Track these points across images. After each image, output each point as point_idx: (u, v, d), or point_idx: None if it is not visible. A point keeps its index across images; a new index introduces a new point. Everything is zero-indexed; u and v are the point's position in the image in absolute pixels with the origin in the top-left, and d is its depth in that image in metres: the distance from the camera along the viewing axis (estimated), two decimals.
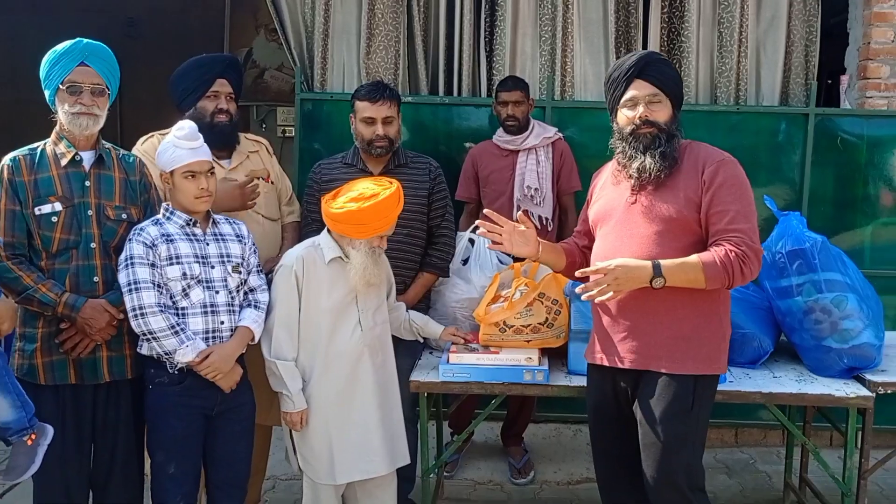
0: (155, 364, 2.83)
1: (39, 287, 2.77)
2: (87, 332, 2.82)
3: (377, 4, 4.63)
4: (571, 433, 4.67)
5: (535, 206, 4.15)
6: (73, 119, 2.84)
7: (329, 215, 3.01)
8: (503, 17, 4.67)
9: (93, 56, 2.86)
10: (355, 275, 2.99)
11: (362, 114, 3.44)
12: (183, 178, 2.83)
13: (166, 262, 2.79)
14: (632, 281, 2.60)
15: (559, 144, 4.26)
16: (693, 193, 2.62)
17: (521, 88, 4.18)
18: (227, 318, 2.89)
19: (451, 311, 3.57)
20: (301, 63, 4.71)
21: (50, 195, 2.83)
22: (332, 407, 3.02)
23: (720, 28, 4.67)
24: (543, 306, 3.21)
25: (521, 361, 3.13)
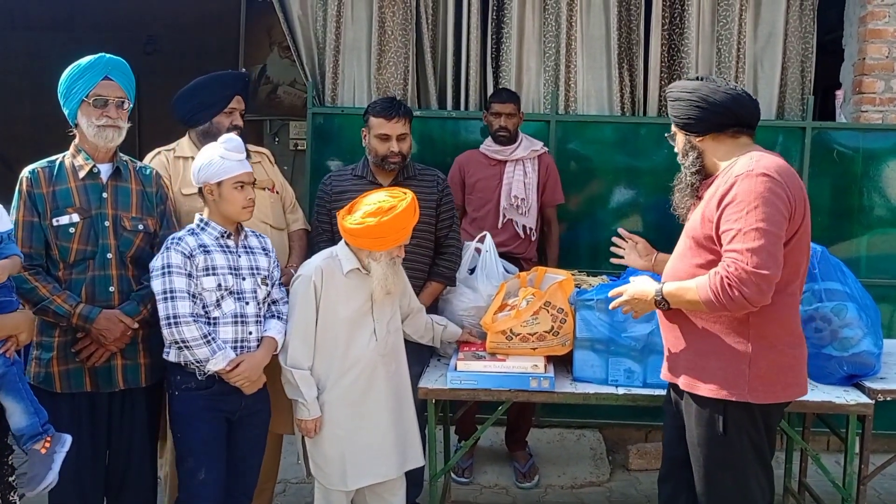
0: (181, 371, 2.79)
1: (55, 298, 2.75)
2: (102, 342, 2.80)
3: (387, 21, 4.61)
4: (575, 437, 4.60)
5: (521, 215, 4.15)
6: (99, 132, 2.82)
7: (347, 231, 2.96)
8: (509, 33, 4.65)
9: (115, 70, 2.86)
10: (376, 285, 2.96)
11: (377, 130, 3.38)
12: (233, 189, 2.80)
13: (203, 273, 2.76)
14: (644, 305, 2.60)
15: (545, 158, 4.26)
16: (709, 212, 2.43)
17: (513, 101, 4.18)
18: (254, 328, 2.86)
19: (459, 319, 3.52)
20: (313, 78, 4.68)
21: (68, 206, 2.81)
22: (345, 414, 2.98)
23: (719, 44, 4.64)
24: (549, 315, 3.16)
25: (528, 369, 3.08)
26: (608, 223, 4.57)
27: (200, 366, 2.74)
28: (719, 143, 2.51)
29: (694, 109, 2.49)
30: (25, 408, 2.41)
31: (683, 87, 2.55)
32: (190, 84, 3.31)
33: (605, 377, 3.12)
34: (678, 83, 2.62)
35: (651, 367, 3.06)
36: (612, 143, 4.61)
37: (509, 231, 4.13)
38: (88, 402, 2.87)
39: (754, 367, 2.42)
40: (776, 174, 2.35)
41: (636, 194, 4.63)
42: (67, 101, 2.84)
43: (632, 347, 3.08)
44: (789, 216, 2.35)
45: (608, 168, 4.62)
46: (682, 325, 2.55)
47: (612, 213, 4.63)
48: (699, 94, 2.48)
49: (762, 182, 2.32)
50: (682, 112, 2.52)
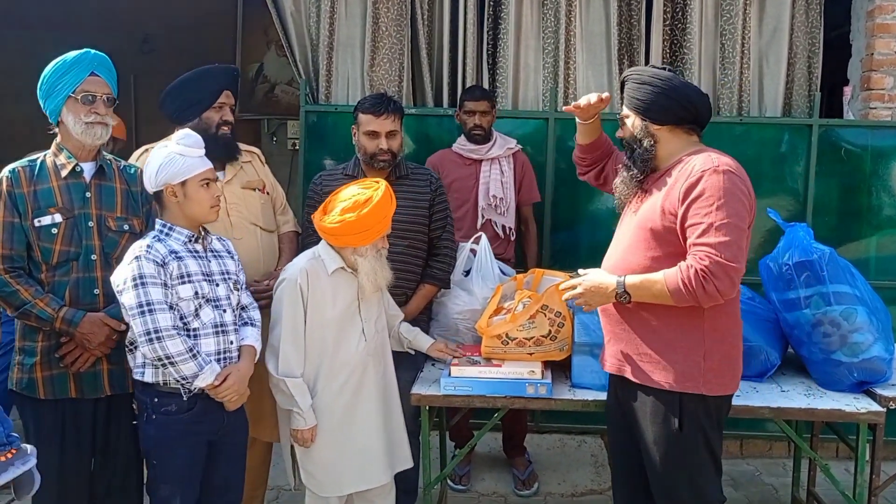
0: (157, 392, 2.58)
1: (37, 302, 2.65)
2: (87, 346, 2.70)
3: (381, 18, 4.50)
4: (576, 444, 4.48)
5: (499, 215, 4.04)
6: (87, 129, 2.73)
7: (327, 231, 2.86)
8: (506, 29, 4.53)
9: (101, 66, 2.79)
10: (365, 280, 2.86)
11: (366, 127, 3.27)
12: (199, 187, 2.62)
13: (178, 281, 2.56)
14: (599, 297, 2.58)
15: (519, 156, 4.16)
16: (670, 204, 2.44)
17: (487, 98, 4.08)
18: (234, 337, 2.70)
19: (454, 322, 3.40)
20: (306, 76, 4.58)
21: (50, 206, 2.71)
22: (337, 418, 2.88)
23: (722, 39, 4.52)
24: (546, 318, 3.03)
25: (524, 375, 2.96)
26: (608, 223, 4.42)
27: (185, 383, 2.55)
28: (673, 136, 2.54)
29: (662, 97, 2.50)
30: None
31: (655, 73, 2.55)
32: (177, 80, 3.19)
33: (605, 383, 2.97)
34: (646, 68, 2.62)
35: None
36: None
37: (488, 231, 3.97)
38: (73, 409, 2.77)
39: (708, 360, 2.47)
40: (739, 171, 2.43)
41: None
42: (51, 97, 2.74)
43: None
44: (749, 213, 2.42)
45: None
46: (634, 318, 2.54)
47: (611, 213, 4.47)
48: (671, 84, 2.51)
49: (728, 178, 2.38)
50: (648, 97, 2.52)
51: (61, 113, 2.75)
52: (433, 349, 3.15)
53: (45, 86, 2.74)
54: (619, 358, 2.61)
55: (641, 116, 2.55)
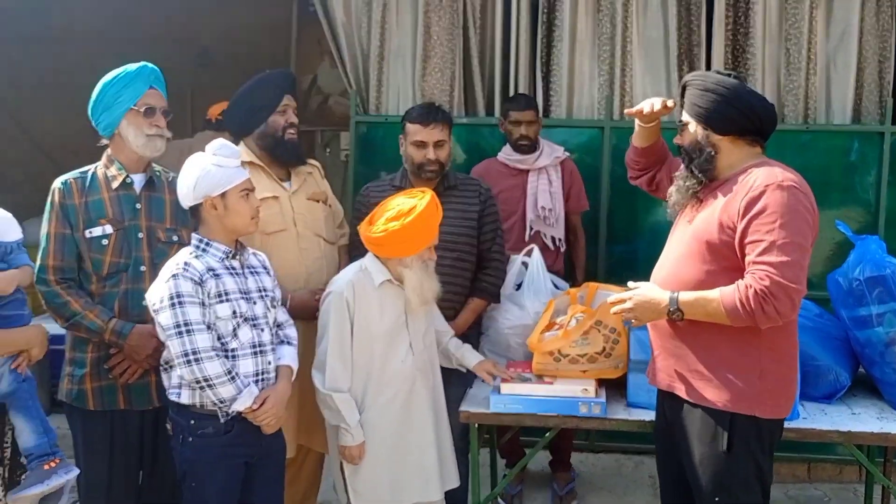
0: (195, 414, 2.51)
1: (87, 313, 2.66)
2: (135, 358, 2.70)
3: (433, 27, 4.45)
4: (633, 464, 4.33)
5: (548, 226, 3.93)
6: (148, 141, 2.76)
7: (372, 241, 2.81)
8: (560, 36, 4.43)
9: (157, 80, 2.83)
10: (412, 293, 2.79)
11: (413, 137, 3.22)
12: (239, 198, 2.55)
13: (216, 300, 2.48)
14: (650, 313, 2.46)
15: (567, 164, 4.05)
16: (728, 219, 2.34)
17: (532, 107, 3.98)
18: (271, 357, 2.63)
19: (504, 337, 3.31)
20: (357, 86, 4.55)
21: (101, 218, 2.74)
22: (384, 434, 2.82)
23: (787, 44, 4.34)
24: (601, 335, 2.93)
25: (577, 393, 2.86)
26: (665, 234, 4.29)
27: (223, 406, 2.48)
28: (735, 147, 2.44)
29: (725, 106, 2.40)
30: (35, 427, 2.32)
31: (720, 80, 2.44)
32: (238, 92, 3.22)
33: None
34: (710, 74, 2.51)
35: None
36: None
37: (537, 243, 3.83)
38: (122, 420, 2.77)
39: (764, 380, 2.36)
40: (803, 187, 2.33)
41: None
42: (109, 110, 2.76)
43: None
44: (812, 230, 2.32)
45: None
46: (686, 333, 2.43)
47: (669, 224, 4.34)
48: (736, 93, 2.41)
49: (792, 195, 2.28)
50: (711, 105, 2.42)
51: (119, 126, 2.76)
52: (480, 368, 3.02)
53: (105, 99, 2.76)
54: (670, 374, 2.50)
55: (703, 125, 2.45)
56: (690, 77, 2.53)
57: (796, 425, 2.75)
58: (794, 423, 2.75)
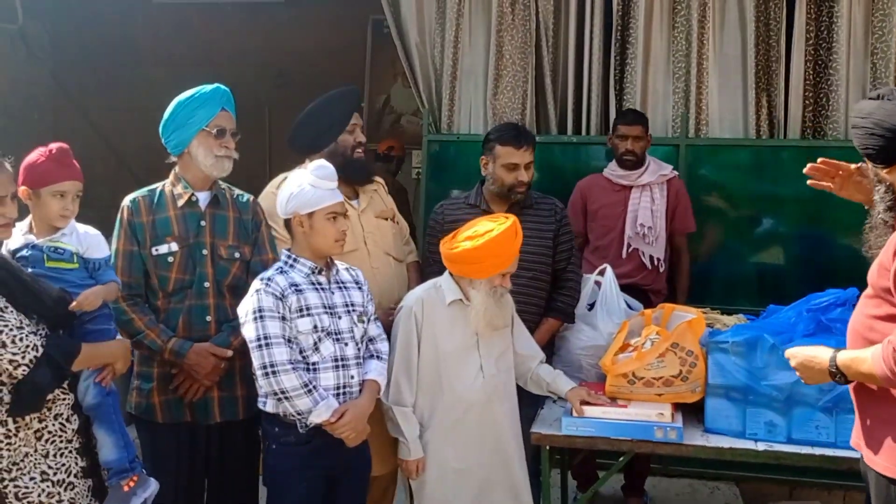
0: (279, 422, 2.56)
1: (148, 332, 2.70)
2: (195, 377, 2.72)
3: (505, 46, 4.44)
4: (708, 490, 4.18)
5: (647, 245, 3.82)
6: (217, 162, 2.79)
7: (447, 256, 2.81)
8: (634, 54, 4.36)
9: (229, 102, 2.86)
10: (476, 316, 2.76)
11: (506, 160, 3.16)
12: (326, 220, 2.59)
13: (297, 315, 2.53)
14: (815, 373, 2.21)
15: (674, 183, 3.93)
16: (886, 259, 2.08)
17: (641, 123, 3.89)
18: (356, 371, 2.63)
19: (577, 358, 3.24)
20: (429, 105, 4.57)
21: (167, 235, 2.77)
22: (452, 454, 2.79)
23: (874, 59, 4.17)
24: (677, 357, 2.83)
25: (652, 417, 2.77)
26: (744, 256, 4.17)
27: (301, 418, 2.51)
28: None
29: (871, 137, 2.12)
30: (116, 441, 2.35)
31: (859, 110, 2.19)
32: (305, 111, 3.22)
33: (743, 430, 2.77)
34: (857, 105, 2.23)
35: (797, 420, 2.71)
36: (748, 169, 4.22)
37: (635, 261, 3.82)
38: (189, 433, 2.80)
39: None
40: None
41: (776, 224, 4.20)
42: (181, 129, 2.80)
43: (774, 398, 2.71)
44: None
45: (744, 195, 4.23)
46: (866, 389, 2.16)
47: (748, 245, 4.22)
48: (874, 120, 2.12)
49: None
50: (861, 140, 2.16)
51: (189, 145, 2.80)
52: (573, 395, 2.87)
53: (178, 118, 2.80)
54: (856, 431, 2.24)
55: (871, 162, 2.19)
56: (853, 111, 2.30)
57: None
58: None
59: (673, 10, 4.32)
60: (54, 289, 2.27)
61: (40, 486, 2.24)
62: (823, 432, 2.67)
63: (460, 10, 4.47)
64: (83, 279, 2.40)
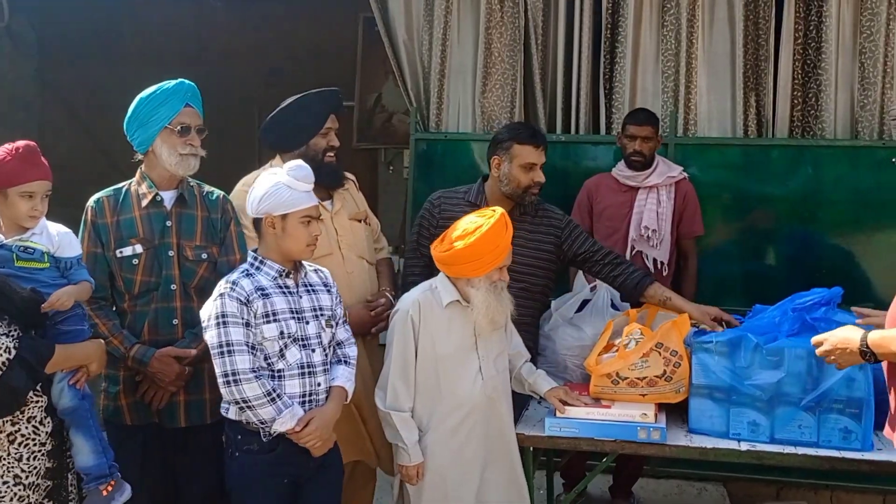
0: (242, 430, 2.49)
1: (112, 339, 2.65)
2: (159, 383, 2.68)
3: (494, 44, 4.42)
4: (696, 491, 4.16)
5: (651, 247, 3.78)
6: (182, 160, 2.73)
7: (440, 260, 2.77)
8: (623, 53, 4.35)
9: (194, 97, 2.77)
10: (478, 315, 2.72)
11: (525, 159, 3.10)
12: (299, 224, 2.50)
13: (262, 320, 2.44)
14: (847, 355, 2.22)
15: (683, 185, 3.88)
16: None
17: (652, 124, 3.83)
18: (322, 378, 2.56)
19: (562, 359, 3.22)
20: (417, 103, 4.55)
21: (131, 237, 2.72)
22: (450, 459, 2.75)
23: (862, 58, 4.16)
24: (661, 357, 2.82)
25: (636, 417, 2.76)
26: (732, 255, 4.16)
27: (265, 426, 2.45)
28: None
29: None
30: (94, 447, 2.30)
31: None
32: (280, 107, 3.14)
33: (726, 430, 2.76)
34: None
35: (780, 419, 2.70)
36: (737, 168, 4.20)
37: (638, 263, 3.72)
38: (157, 434, 2.76)
39: None
40: None
41: (765, 224, 4.18)
42: (144, 127, 2.72)
43: (757, 397, 2.70)
44: None
45: (733, 194, 4.21)
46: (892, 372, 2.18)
47: (737, 245, 4.21)
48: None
49: None
50: None
51: (153, 143, 2.72)
52: (552, 395, 2.87)
53: (140, 116, 2.72)
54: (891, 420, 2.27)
55: None
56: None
57: (870, 457, 2.62)
58: (868, 455, 2.62)
59: (662, 8, 4.30)
60: (25, 289, 2.22)
61: (13, 489, 2.21)
62: (806, 432, 2.66)
63: (448, 8, 4.44)
64: (55, 279, 2.35)
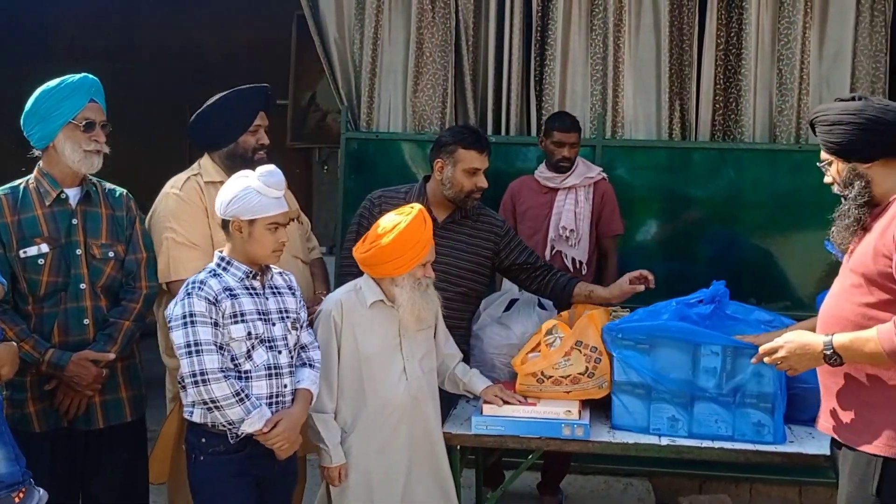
0: (206, 433, 2.45)
1: (23, 345, 2.51)
2: (76, 388, 2.58)
3: (425, 43, 4.42)
4: (622, 487, 4.23)
5: (570, 247, 3.84)
6: (85, 157, 2.64)
7: (362, 261, 2.74)
8: (553, 55, 4.40)
9: (98, 93, 2.68)
10: (404, 313, 2.69)
11: (468, 164, 3.08)
12: (266, 230, 2.47)
13: (230, 321, 2.42)
14: (805, 360, 2.26)
15: (601, 185, 3.94)
16: (884, 246, 2.14)
17: (577, 130, 3.88)
18: (289, 380, 2.55)
19: (490, 358, 3.23)
20: (348, 102, 4.53)
21: (35, 236, 2.60)
22: (374, 461, 2.73)
23: (780, 65, 4.30)
24: (582, 355, 2.86)
25: (560, 415, 2.79)
26: (656, 255, 4.24)
27: (233, 428, 2.42)
28: (890, 170, 2.23)
29: (862, 133, 2.21)
30: (7, 454, 2.20)
31: (844, 108, 2.26)
32: (208, 104, 3.07)
33: (647, 425, 2.81)
34: (832, 105, 2.32)
35: (697, 415, 2.76)
36: (661, 170, 4.30)
37: (558, 263, 3.79)
38: (66, 440, 2.65)
39: None
40: None
41: (688, 224, 4.29)
42: (45, 122, 2.62)
43: (675, 393, 2.76)
44: None
45: (657, 196, 4.31)
46: (845, 372, 2.23)
47: (661, 244, 4.30)
48: (866, 116, 2.21)
49: None
50: (846, 137, 2.23)
51: (55, 139, 2.62)
52: (488, 393, 2.87)
53: (42, 109, 2.62)
54: (828, 415, 2.31)
55: (843, 159, 2.27)
56: (814, 114, 2.35)
57: (783, 449, 2.70)
58: (782, 448, 2.70)
59: (591, 12, 4.37)
60: None
61: None
62: (722, 426, 2.73)
63: (380, 6, 4.43)
64: None
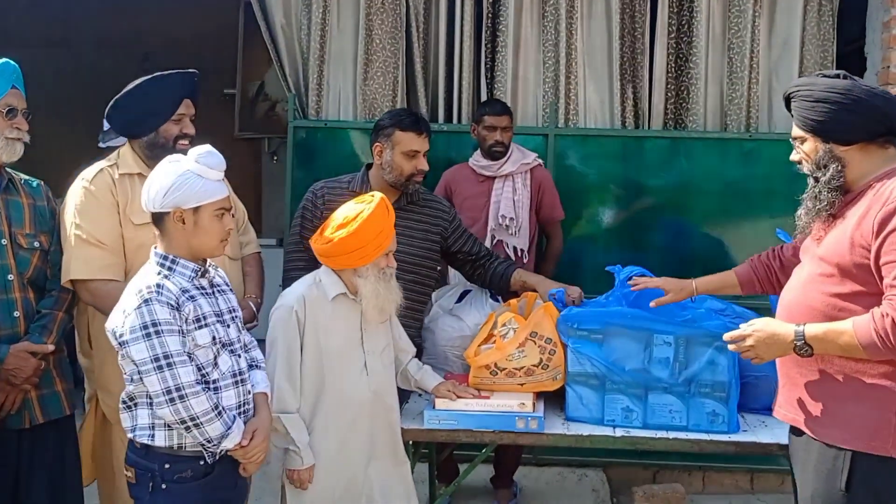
0: (170, 457, 2.17)
1: None
2: (13, 382, 2.45)
3: (375, 30, 4.31)
4: (576, 478, 4.21)
5: (510, 236, 3.78)
6: (8, 144, 2.52)
7: (321, 253, 2.62)
8: (504, 42, 4.33)
9: (19, 79, 2.58)
10: (368, 305, 2.59)
11: (407, 146, 3.00)
12: (213, 217, 2.22)
13: (194, 326, 2.17)
14: (773, 349, 2.18)
15: (538, 172, 3.88)
16: (861, 236, 2.06)
17: (508, 113, 3.83)
18: (249, 385, 2.34)
19: (442, 350, 3.17)
20: (296, 90, 4.40)
21: None
22: (335, 459, 2.61)
23: (730, 53, 4.30)
24: (536, 346, 2.80)
25: (514, 408, 2.72)
26: (610, 244, 4.22)
27: (209, 446, 2.18)
28: (865, 155, 2.13)
29: (847, 114, 2.10)
30: None
31: (831, 86, 2.13)
32: (128, 89, 2.80)
33: (601, 417, 2.77)
34: (817, 81, 2.19)
35: (651, 405, 2.72)
36: (614, 158, 4.27)
37: (499, 252, 3.72)
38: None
39: None
40: None
41: (641, 213, 4.27)
42: None
43: (630, 383, 2.72)
44: None
45: (610, 184, 4.28)
46: (814, 363, 2.17)
47: (614, 233, 4.28)
48: (853, 97, 2.10)
49: None
50: (827, 116, 2.12)
51: None
52: (440, 390, 2.77)
53: None
54: (793, 405, 2.24)
55: (821, 139, 2.15)
56: (794, 87, 2.23)
57: (736, 438, 2.68)
58: (735, 437, 2.69)
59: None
60: None
61: None
62: (677, 416, 2.71)
63: None
64: None
